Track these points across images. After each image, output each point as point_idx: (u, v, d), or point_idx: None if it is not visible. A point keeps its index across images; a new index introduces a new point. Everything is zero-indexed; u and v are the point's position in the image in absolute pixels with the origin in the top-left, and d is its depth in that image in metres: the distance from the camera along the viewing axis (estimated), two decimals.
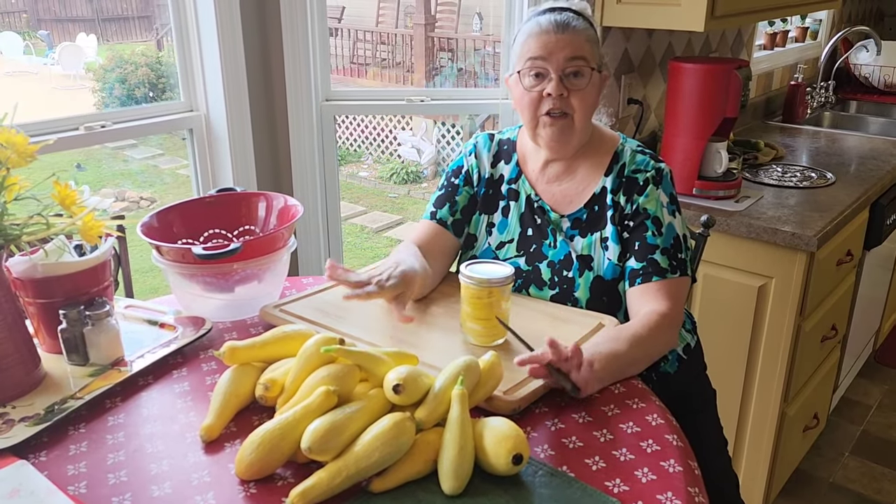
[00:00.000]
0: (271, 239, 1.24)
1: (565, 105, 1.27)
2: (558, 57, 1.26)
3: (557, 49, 1.25)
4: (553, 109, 1.27)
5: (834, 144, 2.69)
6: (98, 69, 7.14)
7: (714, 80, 1.93)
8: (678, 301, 1.25)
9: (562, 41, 1.26)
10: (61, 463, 0.92)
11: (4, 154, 0.95)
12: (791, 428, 2.06)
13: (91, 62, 7.59)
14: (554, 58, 1.26)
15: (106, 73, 6.85)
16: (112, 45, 8.34)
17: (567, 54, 1.25)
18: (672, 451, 0.96)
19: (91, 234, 1.01)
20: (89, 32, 8.32)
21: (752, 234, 1.86)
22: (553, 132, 1.29)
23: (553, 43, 1.26)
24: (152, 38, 8.80)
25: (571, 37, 1.26)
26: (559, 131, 1.29)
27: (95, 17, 9.07)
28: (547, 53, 1.26)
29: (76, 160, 6.21)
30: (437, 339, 1.19)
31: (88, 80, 7.24)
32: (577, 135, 1.31)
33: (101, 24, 8.87)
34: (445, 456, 0.87)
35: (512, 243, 1.38)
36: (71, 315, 1.09)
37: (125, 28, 9.13)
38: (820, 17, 3.55)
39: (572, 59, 1.26)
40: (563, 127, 1.29)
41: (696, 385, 1.45)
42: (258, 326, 1.27)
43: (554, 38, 1.26)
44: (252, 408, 1.02)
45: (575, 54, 1.26)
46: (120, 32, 9.02)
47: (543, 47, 1.26)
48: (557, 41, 1.26)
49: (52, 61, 7.82)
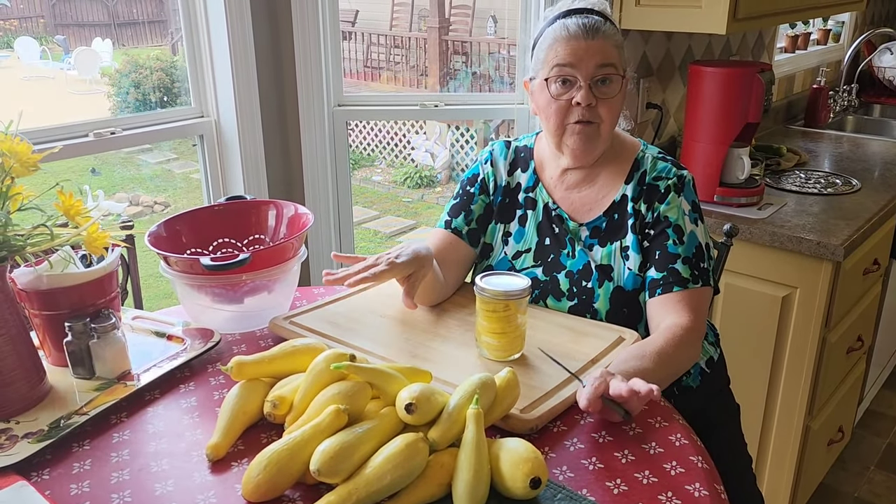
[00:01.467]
0: (281, 249, 1.21)
1: (593, 114, 1.23)
2: (588, 64, 1.21)
3: (587, 56, 1.20)
4: (582, 118, 1.23)
5: (858, 149, 2.63)
6: (114, 74, 7.17)
7: (736, 85, 1.88)
8: (700, 313, 1.21)
9: (592, 48, 1.20)
10: (64, 482, 0.89)
11: (8, 163, 0.92)
12: (815, 442, 2.00)
13: (106, 67, 7.63)
14: (584, 65, 1.21)
15: (121, 78, 6.88)
16: (127, 50, 8.38)
17: (597, 61, 1.21)
18: (697, 473, 0.91)
19: (96, 246, 0.99)
20: (105, 37, 8.37)
21: (775, 242, 1.81)
22: (580, 141, 1.25)
23: (583, 49, 1.20)
24: (167, 43, 8.83)
25: (601, 43, 1.21)
26: (586, 140, 1.25)
27: (111, 22, 9.12)
28: (576, 60, 1.21)
29: (91, 165, 6.24)
30: (451, 354, 1.15)
31: (104, 84, 7.28)
32: (603, 143, 1.27)
33: (117, 29, 8.92)
34: (460, 479, 0.83)
35: (529, 253, 1.34)
36: (76, 327, 1.06)
37: (140, 33, 9.18)
38: (842, 20, 3.49)
39: (602, 67, 1.21)
40: (590, 135, 1.25)
41: (720, 400, 1.40)
42: (268, 339, 1.24)
43: (584, 45, 1.20)
44: (260, 425, 0.99)
45: (605, 61, 1.21)
46: (135, 37, 9.07)
47: (573, 54, 1.21)
48: (587, 47, 1.20)
49: (69, 66, 7.87)
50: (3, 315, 0.98)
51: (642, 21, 1.94)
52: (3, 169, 0.94)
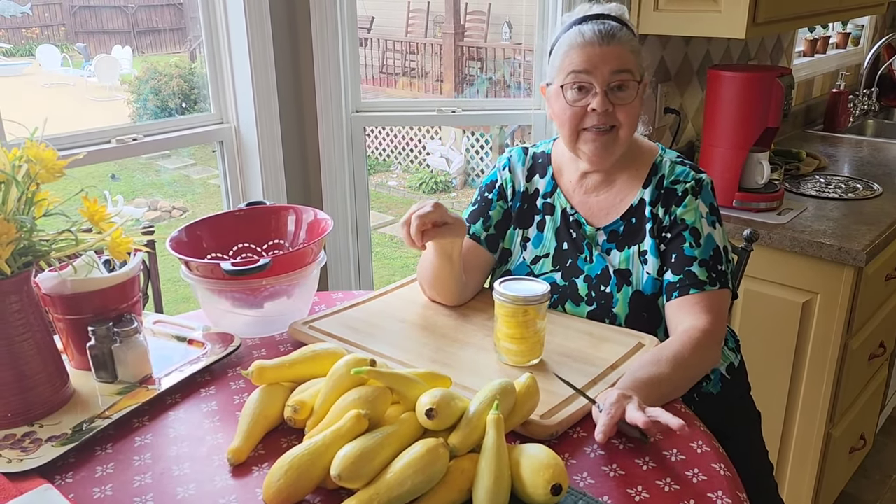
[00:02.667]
0: (301, 254, 1.22)
1: (610, 119, 1.23)
2: (603, 71, 1.20)
3: (602, 62, 1.20)
4: (599, 125, 1.23)
5: (878, 154, 2.60)
6: (133, 81, 7.26)
7: (755, 89, 1.87)
8: (719, 315, 1.20)
9: (607, 54, 1.20)
10: (87, 485, 0.90)
11: (34, 169, 0.94)
12: (837, 450, 1.98)
13: (126, 74, 7.72)
14: (599, 71, 1.20)
15: (141, 85, 6.95)
16: (146, 57, 8.47)
17: (613, 67, 1.20)
18: (720, 481, 0.90)
19: (119, 251, 1.00)
20: (124, 44, 8.47)
21: (796, 247, 1.79)
22: (596, 147, 1.25)
23: (598, 56, 1.20)
24: (185, 50, 8.92)
25: (617, 49, 1.21)
26: (602, 146, 1.25)
27: (130, 30, 9.23)
28: (591, 67, 1.21)
29: (111, 171, 6.31)
30: (470, 359, 1.15)
31: (123, 91, 7.36)
32: (621, 147, 1.27)
33: (136, 37, 9.02)
34: (481, 485, 0.83)
35: (547, 258, 1.34)
36: (100, 332, 1.07)
37: (159, 40, 9.27)
38: (862, 23, 3.46)
39: (618, 73, 1.21)
40: (608, 141, 1.25)
41: (740, 407, 1.39)
42: (287, 343, 1.24)
43: (599, 51, 1.20)
44: (281, 429, 0.99)
45: (621, 67, 1.21)
46: (154, 44, 9.17)
47: (588, 60, 1.21)
48: (603, 54, 1.20)
49: (89, 73, 7.97)
50: (28, 319, 0.99)
51: (661, 26, 1.93)
52: (29, 175, 0.95)
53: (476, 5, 8.20)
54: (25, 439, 0.97)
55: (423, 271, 1.33)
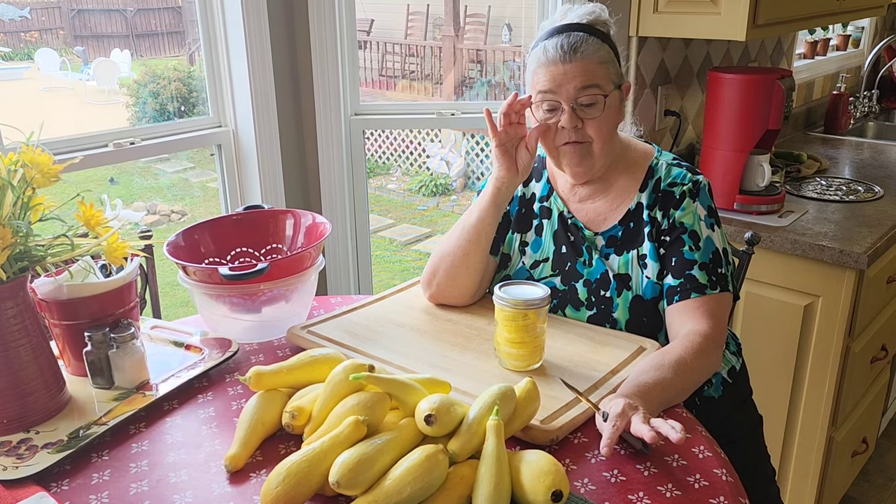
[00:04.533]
0: (299, 258, 1.21)
1: (581, 135, 1.22)
2: (567, 88, 1.18)
3: (566, 80, 1.18)
4: (570, 140, 1.22)
5: (879, 156, 2.60)
6: (132, 84, 7.25)
7: (756, 91, 1.86)
8: (720, 319, 1.19)
9: (570, 71, 1.18)
10: (83, 492, 0.89)
11: (29, 174, 0.93)
12: (839, 453, 1.97)
13: (125, 77, 7.71)
14: (563, 89, 1.19)
15: (139, 88, 6.95)
16: (145, 61, 8.47)
17: (577, 84, 1.18)
18: (722, 487, 0.89)
19: (116, 256, 0.99)
20: (123, 48, 8.47)
21: (797, 250, 1.78)
22: (574, 159, 1.24)
23: (561, 74, 1.18)
24: (184, 54, 8.92)
25: (580, 64, 1.18)
26: (579, 157, 1.23)
27: (129, 33, 9.23)
28: (556, 86, 1.19)
29: (109, 174, 6.30)
30: (470, 364, 1.14)
31: (122, 94, 7.36)
32: (599, 159, 1.25)
33: (135, 40, 9.02)
34: (481, 492, 0.82)
35: (547, 262, 1.33)
36: (96, 337, 1.07)
37: (158, 44, 9.27)
38: (862, 25, 3.45)
39: (583, 89, 1.19)
40: (583, 153, 1.23)
41: (742, 411, 1.38)
42: (285, 348, 1.24)
43: (562, 69, 1.18)
44: (279, 435, 0.99)
45: (586, 83, 1.18)
46: (153, 48, 9.17)
47: (552, 79, 1.19)
48: (566, 72, 1.18)
49: (88, 76, 7.96)
50: (25, 325, 0.99)
51: (660, 28, 1.93)
52: (25, 180, 0.94)
53: (475, 8, 8.20)
54: (21, 446, 0.96)
55: (449, 255, 1.30)
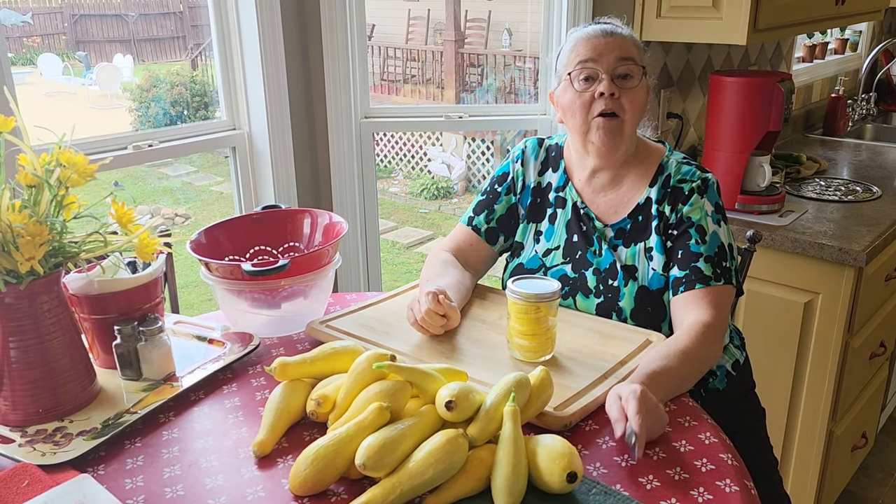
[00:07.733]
0: (317, 255, 1.25)
1: (616, 106, 1.29)
2: (608, 58, 1.29)
3: (607, 51, 1.29)
4: (605, 110, 1.29)
5: (877, 157, 2.64)
6: (135, 89, 7.30)
7: (757, 94, 1.91)
8: (722, 310, 1.24)
9: (610, 43, 1.30)
10: (119, 476, 0.93)
11: (65, 174, 0.97)
12: (839, 448, 2.01)
13: (127, 82, 7.76)
14: (604, 59, 1.29)
15: (142, 93, 7.00)
16: (148, 65, 8.52)
17: (617, 55, 1.29)
18: (728, 470, 0.94)
19: (147, 252, 1.03)
20: (125, 53, 8.52)
21: (797, 249, 1.83)
22: (604, 135, 1.30)
23: (602, 45, 1.30)
24: (186, 58, 8.97)
25: (619, 40, 1.31)
26: (610, 134, 1.30)
27: (131, 38, 9.28)
28: (597, 55, 1.29)
29: (114, 178, 6.34)
30: (483, 356, 1.19)
31: (125, 99, 7.40)
32: (627, 139, 1.32)
33: (137, 45, 9.07)
34: (499, 473, 0.86)
35: (558, 250, 1.38)
36: (125, 331, 1.11)
37: (160, 48, 9.33)
38: (860, 29, 3.51)
39: (622, 60, 1.29)
40: (614, 129, 1.30)
41: (745, 403, 1.42)
42: (304, 342, 1.28)
43: (603, 41, 1.30)
44: (302, 424, 1.03)
45: (624, 55, 1.29)
46: (155, 52, 9.22)
47: (593, 49, 1.30)
48: (607, 43, 1.30)
49: (90, 81, 8.01)
50: (59, 319, 1.03)
51: (663, 32, 1.97)
52: (59, 179, 0.99)
53: (476, 12, 8.26)
54: (57, 433, 1.00)
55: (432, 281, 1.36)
